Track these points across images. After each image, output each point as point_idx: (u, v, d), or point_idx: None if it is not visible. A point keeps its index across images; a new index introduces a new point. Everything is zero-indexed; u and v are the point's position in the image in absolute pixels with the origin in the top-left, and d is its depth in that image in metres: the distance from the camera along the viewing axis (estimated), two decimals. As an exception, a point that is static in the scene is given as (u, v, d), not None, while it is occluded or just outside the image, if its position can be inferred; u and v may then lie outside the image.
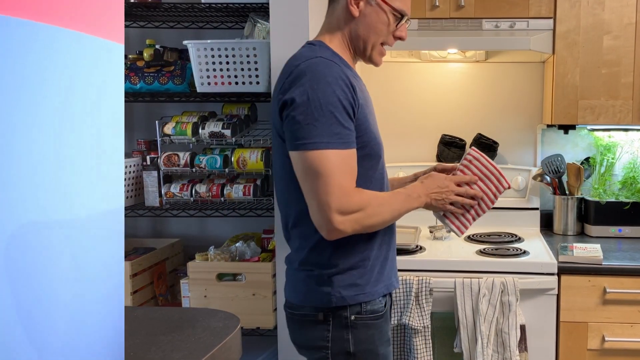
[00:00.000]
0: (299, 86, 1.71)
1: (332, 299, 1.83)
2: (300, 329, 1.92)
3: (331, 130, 1.69)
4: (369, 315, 1.87)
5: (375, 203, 1.78)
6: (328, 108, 1.68)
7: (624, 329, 2.56)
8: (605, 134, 3.21)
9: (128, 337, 1.41)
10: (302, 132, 1.69)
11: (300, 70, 1.73)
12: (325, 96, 1.69)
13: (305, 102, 1.69)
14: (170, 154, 2.88)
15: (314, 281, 1.86)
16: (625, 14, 2.79)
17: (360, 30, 1.89)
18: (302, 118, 1.68)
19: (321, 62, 1.75)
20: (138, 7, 2.85)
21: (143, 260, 2.89)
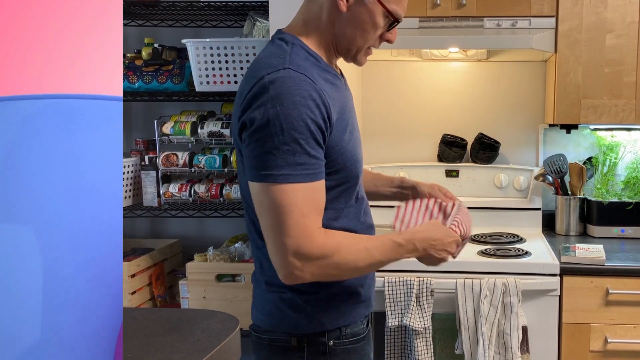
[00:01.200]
0: (260, 105, 1.43)
1: (309, 325, 1.64)
2: (269, 356, 1.69)
3: (294, 160, 1.42)
4: (349, 339, 1.68)
5: (347, 249, 1.51)
6: (291, 134, 1.41)
7: (627, 331, 2.55)
8: (607, 134, 3.19)
9: (126, 339, 1.41)
10: (260, 161, 1.43)
11: (263, 86, 1.44)
12: (289, 119, 1.41)
13: (264, 126, 1.42)
14: (169, 154, 2.87)
15: (286, 304, 1.64)
16: (628, 12, 2.77)
17: (346, 29, 1.61)
18: (261, 144, 1.42)
19: (289, 77, 1.45)
20: (136, 6, 2.83)
21: (141, 261, 2.88)
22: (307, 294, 1.62)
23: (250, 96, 1.46)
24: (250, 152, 1.45)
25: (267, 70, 1.47)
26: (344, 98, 1.64)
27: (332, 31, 1.62)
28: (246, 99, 1.47)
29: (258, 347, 1.71)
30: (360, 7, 1.59)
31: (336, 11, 1.58)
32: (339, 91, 1.63)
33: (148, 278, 2.92)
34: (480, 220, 3.14)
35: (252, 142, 1.44)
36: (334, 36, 1.62)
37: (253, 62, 1.57)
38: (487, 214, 3.16)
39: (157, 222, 3.33)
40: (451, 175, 3.23)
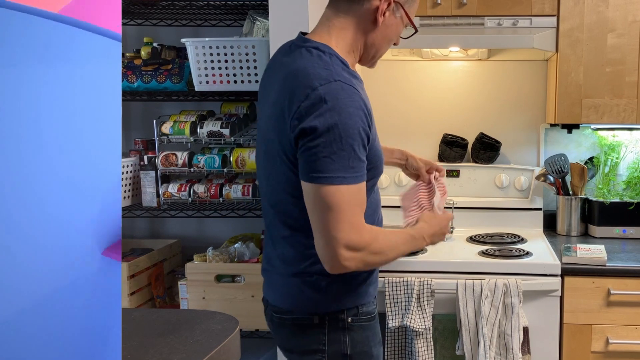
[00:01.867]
0: (320, 115, 1.60)
1: (331, 305, 1.82)
2: (293, 334, 1.87)
3: (348, 164, 1.62)
4: (364, 317, 1.87)
5: (382, 241, 1.75)
6: (348, 142, 1.61)
7: (629, 331, 2.54)
8: (609, 133, 3.19)
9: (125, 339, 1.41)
10: (319, 164, 1.61)
11: (320, 97, 1.62)
12: (347, 129, 1.61)
13: (325, 134, 1.60)
14: (168, 154, 2.86)
15: (309, 287, 1.82)
16: (630, 11, 2.77)
17: (377, 39, 1.83)
18: (321, 150, 1.60)
19: (341, 89, 1.64)
20: (135, 5, 2.83)
21: (140, 261, 2.88)
22: (329, 277, 1.77)
23: (307, 105, 1.62)
24: (310, 157, 1.62)
25: (320, 82, 1.64)
26: (368, 99, 1.79)
27: (363, 41, 1.83)
28: (302, 107, 1.63)
29: (281, 327, 1.90)
30: (392, 20, 1.82)
31: (372, 25, 1.80)
32: (364, 93, 1.78)
33: (147, 278, 2.91)
34: (481, 221, 3.14)
35: (311, 148, 1.61)
36: (364, 45, 1.84)
37: (297, 70, 1.70)
38: (487, 214, 3.16)
39: (156, 222, 3.33)
40: (452, 175, 3.22)
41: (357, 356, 1.85)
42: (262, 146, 1.83)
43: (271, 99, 1.77)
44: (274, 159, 1.77)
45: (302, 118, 1.62)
